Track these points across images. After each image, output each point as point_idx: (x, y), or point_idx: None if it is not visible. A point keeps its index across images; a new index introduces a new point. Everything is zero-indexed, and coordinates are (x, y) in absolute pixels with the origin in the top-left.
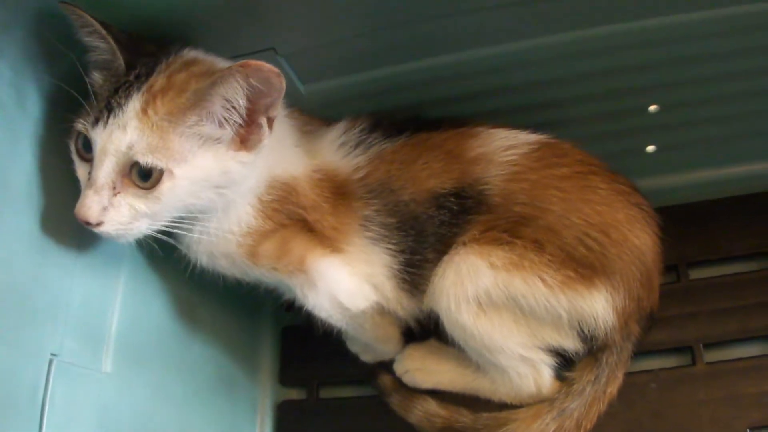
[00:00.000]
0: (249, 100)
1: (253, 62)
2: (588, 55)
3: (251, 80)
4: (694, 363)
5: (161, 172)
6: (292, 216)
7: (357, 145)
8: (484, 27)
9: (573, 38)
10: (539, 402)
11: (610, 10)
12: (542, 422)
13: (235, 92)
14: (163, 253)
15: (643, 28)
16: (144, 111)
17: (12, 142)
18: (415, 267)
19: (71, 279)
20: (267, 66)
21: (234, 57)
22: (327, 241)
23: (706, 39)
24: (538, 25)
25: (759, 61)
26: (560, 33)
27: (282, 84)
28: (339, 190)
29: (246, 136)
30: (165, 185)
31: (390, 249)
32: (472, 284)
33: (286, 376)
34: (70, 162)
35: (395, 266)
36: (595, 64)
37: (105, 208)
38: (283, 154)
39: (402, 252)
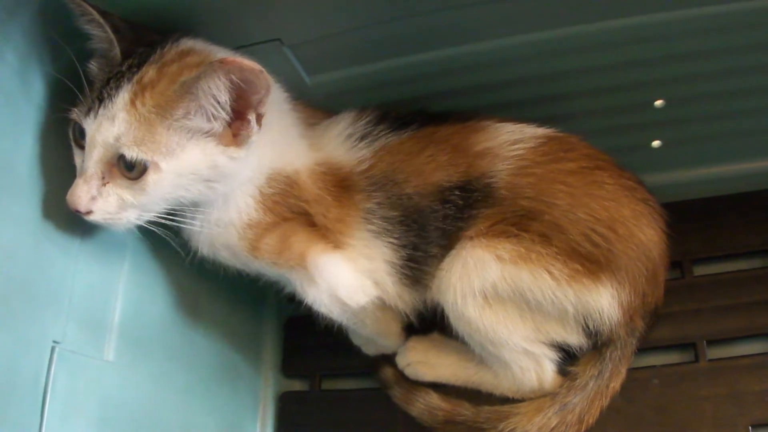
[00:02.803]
0: (235, 95)
1: (231, 59)
2: (595, 49)
3: (232, 77)
4: (697, 360)
5: (147, 165)
6: (293, 209)
7: (362, 138)
8: (492, 19)
9: (580, 32)
10: (541, 396)
11: (617, 3)
12: (544, 416)
13: (218, 88)
14: (166, 242)
15: (650, 23)
16: (132, 103)
17: (16, 129)
18: (417, 262)
19: (74, 267)
20: (247, 63)
21: (240, 47)
22: (329, 235)
23: (713, 34)
24: (546, 18)
25: (766, 57)
26: (568, 26)
27: (267, 81)
28: (341, 183)
29: (236, 131)
30: (151, 177)
31: (392, 243)
32: (479, 278)
33: (288, 367)
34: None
35: (397, 261)
36: (601, 58)
37: (94, 198)
38: (285, 147)
39: (404, 246)
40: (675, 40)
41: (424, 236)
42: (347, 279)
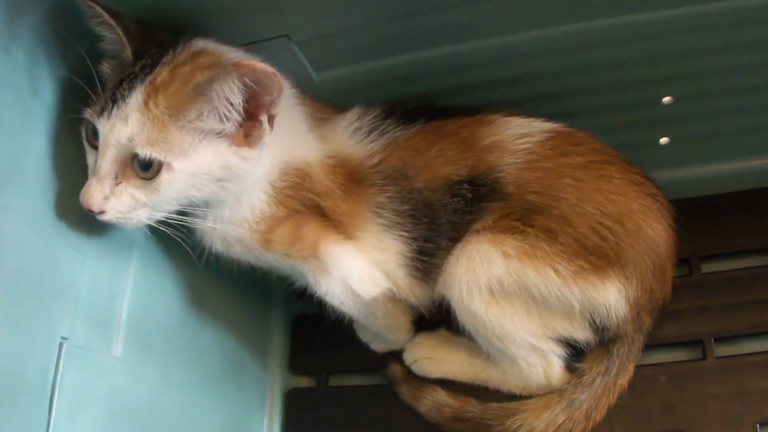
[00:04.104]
0: (248, 97)
1: (245, 62)
2: (603, 45)
3: (246, 79)
4: (704, 357)
5: (160, 165)
6: (305, 202)
7: (370, 132)
8: (499, 16)
9: (588, 28)
10: (549, 393)
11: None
12: (551, 413)
13: (231, 90)
14: (174, 239)
15: (658, 19)
16: (146, 103)
17: (25, 126)
18: (428, 255)
19: (82, 263)
20: (260, 66)
21: (247, 44)
22: (340, 227)
23: (722, 30)
24: (553, 15)
25: None
26: (575, 23)
27: (279, 83)
28: (353, 177)
29: (248, 132)
30: (164, 177)
31: (403, 236)
32: (485, 272)
33: (295, 363)
34: (83, 148)
35: (408, 254)
36: (609, 55)
37: (107, 197)
38: (296, 141)
39: (415, 239)
40: (683, 36)
41: (434, 229)
42: (359, 269)
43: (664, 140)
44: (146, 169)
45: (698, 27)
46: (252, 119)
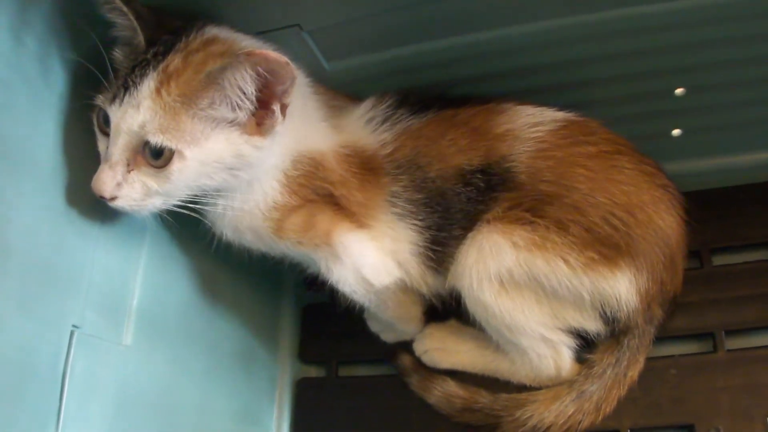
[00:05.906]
0: (261, 86)
1: (259, 51)
2: (616, 35)
3: (259, 68)
4: (715, 350)
5: (172, 153)
6: (318, 191)
7: (384, 121)
8: (512, 6)
9: (601, 18)
10: (559, 384)
11: None
12: (561, 404)
13: (244, 79)
14: (186, 227)
15: (671, 10)
16: (158, 91)
17: (37, 113)
18: (441, 244)
19: (94, 251)
20: (273, 55)
21: (259, 33)
22: (353, 216)
23: (734, 21)
24: (568, 4)
25: None
26: (589, 13)
27: (292, 72)
28: (366, 166)
29: (261, 121)
30: (175, 166)
31: (416, 225)
32: (495, 263)
33: (305, 353)
34: (94, 134)
35: (421, 243)
36: (622, 45)
37: (119, 184)
38: (309, 129)
39: (428, 228)
40: (696, 27)
41: (447, 218)
42: (372, 257)
43: (676, 132)
44: (157, 156)
45: (711, 18)
46: (264, 108)
